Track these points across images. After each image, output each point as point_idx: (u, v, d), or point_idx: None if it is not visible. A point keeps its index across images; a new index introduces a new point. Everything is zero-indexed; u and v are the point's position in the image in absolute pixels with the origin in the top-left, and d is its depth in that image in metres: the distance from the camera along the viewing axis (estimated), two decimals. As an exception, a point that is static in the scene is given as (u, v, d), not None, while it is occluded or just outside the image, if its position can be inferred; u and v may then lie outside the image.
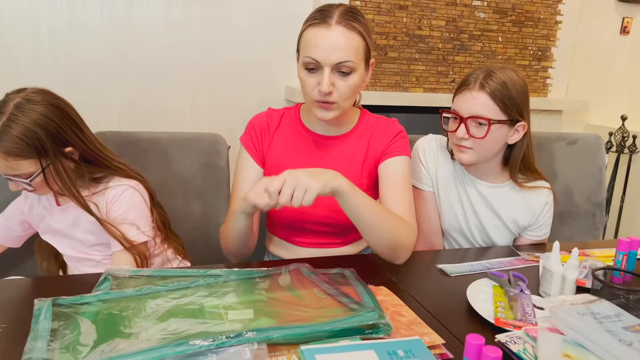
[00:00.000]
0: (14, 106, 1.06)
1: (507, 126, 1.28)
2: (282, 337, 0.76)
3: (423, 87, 2.66)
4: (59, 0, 2.14)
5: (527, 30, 2.76)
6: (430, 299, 1.00)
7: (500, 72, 1.26)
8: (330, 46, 1.09)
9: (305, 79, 1.14)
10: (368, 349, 0.74)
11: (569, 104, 2.93)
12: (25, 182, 1.10)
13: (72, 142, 1.12)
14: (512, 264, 1.22)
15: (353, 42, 1.10)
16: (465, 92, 1.27)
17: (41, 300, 0.87)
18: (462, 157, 1.32)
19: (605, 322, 0.79)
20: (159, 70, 2.31)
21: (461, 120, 1.27)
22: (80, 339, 0.77)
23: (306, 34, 1.13)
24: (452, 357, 0.80)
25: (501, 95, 1.24)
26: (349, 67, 1.11)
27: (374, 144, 1.26)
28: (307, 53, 1.11)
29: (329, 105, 1.14)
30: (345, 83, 1.12)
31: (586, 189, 1.95)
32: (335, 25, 1.09)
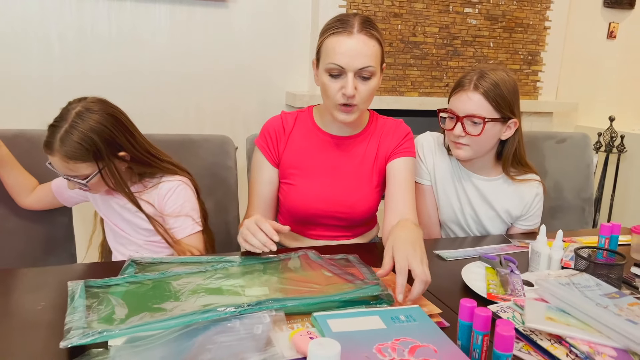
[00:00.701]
0: (75, 114, 1.18)
1: (500, 123, 1.37)
2: (296, 306, 0.85)
3: (418, 92, 2.76)
4: (68, 11, 2.24)
5: (517, 36, 2.87)
6: (428, 279, 1.09)
7: (492, 72, 1.35)
8: (353, 53, 1.18)
9: (328, 84, 1.22)
10: (373, 315, 0.83)
11: (558, 106, 3.04)
12: (82, 182, 1.22)
13: (124, 146, 1.23)
14: (504, 249, 1.32)
15: (373, 48, 1.20)
16: (461, 93, 1.36)
17: (73, 282, 0.95)
18: (459, 153, 1.41)
19: (585, 290, 0.88)
20: (163, 76, 2.41)
21: (458, 119, 1.36)
22: (114, 312, 0.85)
23: (328, 42, 1.21)
24: (448, 325, 0.89)
25: (494, 94, 1.33)
26: (370, 72, 1.20)
27: (384, 144, 1.35)
28: (331, 60, 1.19)
29: (351, 108, 1.23)
30: (366, 87, 1.22)
31: (575, 185, 2.04)
32: (357, 34, 1.18)
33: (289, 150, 1.35)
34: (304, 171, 1.34)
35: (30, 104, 2.25)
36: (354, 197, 1.34)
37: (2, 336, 0.81)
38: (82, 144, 1.16)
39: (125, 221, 1.34)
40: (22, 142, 1.50)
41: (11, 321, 0.85)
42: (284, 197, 1.35)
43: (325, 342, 0.65)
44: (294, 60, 2.59)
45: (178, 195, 1.31)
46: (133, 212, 1.31)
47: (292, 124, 1.36)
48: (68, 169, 1.19)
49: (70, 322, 0.81)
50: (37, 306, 0.91)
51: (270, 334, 0.77)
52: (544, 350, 0.80)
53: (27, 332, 0.83)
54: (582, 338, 0.79)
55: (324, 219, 1.35)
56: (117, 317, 0.84)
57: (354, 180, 1.34)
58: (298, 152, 1.34)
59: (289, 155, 1.35)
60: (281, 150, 1.35)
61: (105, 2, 2.28)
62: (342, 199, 1.33)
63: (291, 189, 1.34)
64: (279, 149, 1.35)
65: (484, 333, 0.74)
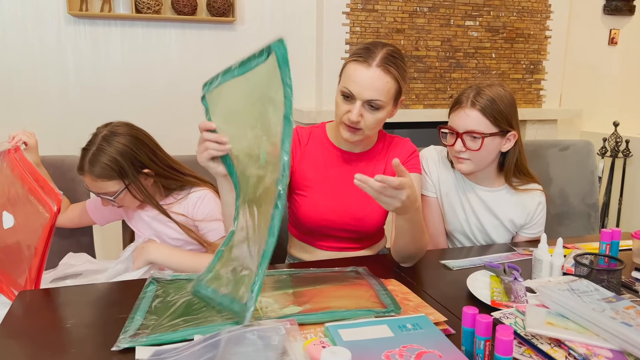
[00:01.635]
0: (101, 138, 1.33)
1: (499, 137, 1.42)
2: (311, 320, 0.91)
3: (423, 104, 2.82)
4: (83, 38, 2.33)
5: (518, 46, 2.92)
6: (435, 289, 1.14)
7: (488, 89, 1.41)
8: (366, 84, 1.24)
9: (340, 104, 1.30)
10: (382, 324, 0.88)
11: (562, 113, 3.08)
12: (111, 199, 1.35)
13: (147, 164, 1.36)
14: (508, 257, 1.36)
15: (387, 85, 1.25)
16: (459, 110, 1.42)
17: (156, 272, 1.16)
18: (461, 167, 1.47)
19: (583, 296, 0.93)
20: (176, 97, 2.49)
21: (457, 135, 1.42)
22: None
23: (348, 67, 1.29)
24: (454, 332, 0.94)
25: (491, 110, 1.39)
26: (378, 105, 1.27)
27: (390, 161, 1.39)
28: (346, 84, 1.27)
29: (355, 130, 1.30)
30: (373, 116, 1.28)
31: (580, 191, 2.08)
32: (375, 67, 1.24)
33: (303, 163, 1.41)
34: (316, 184, 1.40)
35: (47, 129, 2.34)
36: (363, 210, 1.39)
37: (35, 354, 0.87)
38: (108, 164, 1.31)
39: (155, 232, 1.44)
40: (46, 167, 1.58)
41: (42, 340, 0.91)
42: (297, 208, 1.41)
43: (337, 351, 0.71)
44: (300, 78, 2.66)
45: (208, 202, 1.42)
46: (164, 222, 1.42)
47: (307, 138, 1.44)
48: (98, 187, 1.34)
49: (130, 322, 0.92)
50: (67, 324, 0.97)
51: (286, 344, 0.82)
52: (544, 353, 0.84)
53: (59, 349, 0.89)
54: (579, 341, 0.83)
55: (334, 231, 1.41)
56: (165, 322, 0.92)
57: (363, 194, 1.38)
58: (312, 165, 1.41)
59: (303, 167, 1.41)
60: (296, 162, 1.41)
61: (118, 27, 2.38)
62: (351, 211, 1.39)
63: (304, 200, 1.40)
64: (294, 160, 1.41)
65: (485, 338, 0.79)
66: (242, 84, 1.06)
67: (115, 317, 0.96)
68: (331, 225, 1.40)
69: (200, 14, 2.51)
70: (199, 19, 2.49)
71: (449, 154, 1.51)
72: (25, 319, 0.99)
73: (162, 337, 0.87)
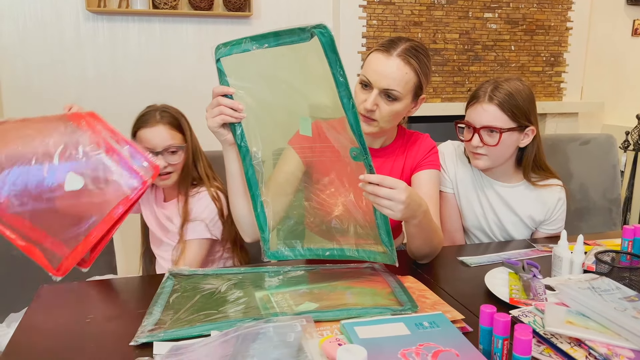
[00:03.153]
0: (160, 105, 1.47)
1: (517, 132, 1.40)
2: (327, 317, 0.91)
3: (441, 97, 2.79)
4: (101, 33, 2.35)
5: (538, 38, 2.87)
6: (452, 286, 1.13)
7: (506, 83, 1.38)
8: (383, 73, 1.24)
9: (357, 93, 1.30)
10: (398, 322, 0.87)
11: (584, 106, 3.03)
12: (177, 146, 1.40)
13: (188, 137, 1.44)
14: (527, 254, 1.34)
15: (405, 75, 1.24)
16: (476, 105, 1.40)
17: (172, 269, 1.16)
18: (478, 163, 1.44)
19: (604, 294, 0.91)
20: (194, 92, 2.50)
21: (475, 131, 1.40)
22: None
23: (371, 56, 1.30)
24: (471, 330, 0.93)
25: (509, 105, 1.36)
26: (395, 95, 1.25)
27: (410, 157, 1.41)
28: (365, 72, 1.28)
29: (370, 120, 1.29)
30: (388, 107, 1.26)
31: (601, 186, 2.04)
32: (395, 57, 1.24)
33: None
34: None
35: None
36: None
37: (56, 349, 0.88)
38: (177, 116, 1.43)
39: (167, 231, 1.45)
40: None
41: (63, 334, 0.93)
42: None
43: (352, 349, 0.71)
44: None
45: (201, 201, 1.43)
46: (175, 222, 1.43)
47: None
48: (166, 137, 1.39)
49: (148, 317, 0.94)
50: (86, 319, 0.98)
51: (302, 341, 0.82)
52: (564, 353, 0.83)
53: (79, 344, 0.90)
54: (600, 340, 0.82)
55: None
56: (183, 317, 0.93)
57: None
58: None
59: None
60: (317, 156, 1.39)
61: (135, 23, 2.39)
62: (369, 205, 1.37)
63: None
64: (314, 154, 1.38)
65: (503, 337, 0.78)
66: (278, 56, 1.08)
67: (134, 311, 0.98)
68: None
69: (216, 9, 2.51)
70: (215, 14, 2.49)
71: (466, 149, 1.50)
72: (46, 313, 1.01)
73: (180, 332, 0.87)
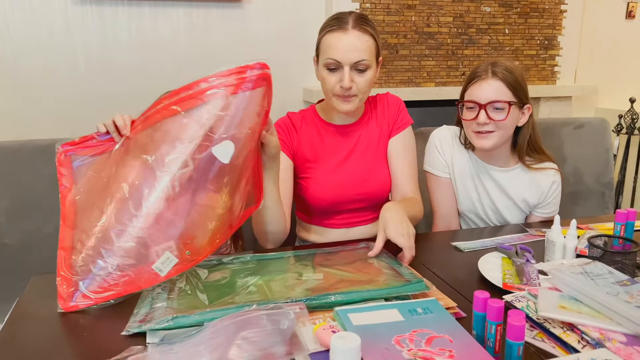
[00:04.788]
0: None
1: (518, 109, 1.40)
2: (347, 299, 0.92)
3: (434, 82, 2.77)
4: (90, 18, 2.31)
5: (532, 21, 2.85)
6: (445, 271, 1.13)
7: (502, 61, 1.40)
8: (348, 47, 1.27)
9: (327, 78, 1.31)
10: (392, 309, 0.87)
11: (577, 89, 3.02)
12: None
13: None
14: (521, 239, 1.34)
15: (367, 43, 1.29)
16: (480, 82, 1.39)
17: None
18: (484, 143, 1.41)
19: (596, 279, 0.91)
20: (184, 77, 2.45)
21: (480, 107, 1.38)
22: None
23: (325, 39, 1.30)
24: (464, 315, 0.93)
25: (511, 80, 1.37)
26: (365, 65, 1.29)
27: (382, 122, 1.45)
28: (328, 55, 1.29)
29: (349, 98, 1.32)
30: (363, 78, 1.30)
31: (595, 170, 2.05)
32: (352, 30, 1.28)
33: (301, 146, 1.42)
34: (318, 163, 1.41)
35: (57, 111, 2.34)
36: (368, 176, 1.42)
37: (47, 338, 0.88)
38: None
39: None
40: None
41: (55, 324, 0.92)
42: (304, 191, 1.40)
43: (346, 336, 0.70)
44: (309, 56, 2.60)
45: None
46: None
47: (300, 122, 1.45)
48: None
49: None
50: (79, 307, 0.97)
51: (296, 328, 0.82)
52: (556, 337, 0.84)
53: (71, 333, 0.89)
54: (593, 325, 0.82)
55: (344, 205, 1.42)
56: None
57: (365, 161, 1.44)
58: (309, 146, 1.42)
59: (302, 150, 1.42)
60: (295, 146, 1.42)
61: (125, 7, 2.35)
62: (357, 180, 1.41)
63: (309, 182, 1.41)
64: (292, 143, 1.42)
65: (497, 323, 0.78)
66: None
67: (128, 300, 0.97)
68: (341, 200, 1.41)
69: (207, -8, 2.47)
70: (206, -2, 2.46)
71: (467, 130, 1.46)
72: (37, 303, 1.00)
73: (174, 320, 0.87)
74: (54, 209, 1.54)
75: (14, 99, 2.28)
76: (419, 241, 1.39)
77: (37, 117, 2.31)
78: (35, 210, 1.54)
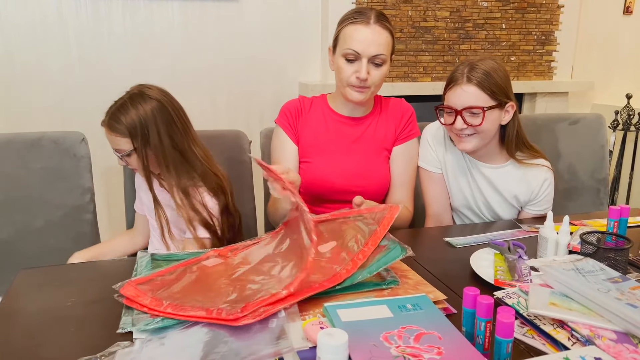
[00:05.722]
0: (128, 96, 1.31)
1: (498, 110, 1.39)
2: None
3: (431, 77, 2.76)
4: (84, 12, 2.29)
5: (530, 17, 2.84)
6: (437, 267, 1.12)
7: (481, 63, 1.37)
8: (369, 41, 1.33)
9: (344, 67, 1.36)
10: (381, 304, 0.87)
11: (574, 85, 3.01)
12: (118, 155, 1.33)
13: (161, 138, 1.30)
14: (514, 235, 1.34)
15: (386, 39, 1.36)
16: (455, 87, 1.38)
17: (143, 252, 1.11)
18: (465, 146, 1.43)
19: (588, 275, 0.91)
20: (179, 72, 2.45)
21: (457, 113, 1.38)
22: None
23: (347, 30, 1.35)
24: (455, 311, 0.92)
25: (488, 83, 1.35)
26: (382, 59, 1.36)
27: (390, 125, 1.49)
28: (349, 45, 1.34)
29: (363, 89, 1.37)
30: (378, 72, 1.37)
31: (590, 166, 2.04)
32: (373, 25, 1.34)
33: (307, 130, 1.47)
34: (319, 149, 1.46)
35: (51, 105, 2.32)
36: (367, 170, 1.46)
37: (34, 333, 0.87)
38: (124, 123, 1.27)
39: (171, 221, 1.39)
40: (47, 143, 1.57)
41: (42, 319, 0.91)
42: (303, 176, 1.42)
43: (333, 332, 0.70)
44: (305, 51, 2.61)
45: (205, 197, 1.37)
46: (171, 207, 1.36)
47: (308, 107, 1.50)
48: (111, 140, 1.32)
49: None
50: (67, 302, 0.97)
51: (285, 326, 0.81)
52: (546, 334, 0.83)
53: (58, 328, 0.89)
54: (583, 322, 0.81)
55: (341, 194, 1.44)
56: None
57: (366, 155, 1.47)
58: (315, 132, 1.47)
59: (307, 134, 1.47)
60: (300, 129, 1.47)
61: (120, 0, 2.33)
62: (355, 172, 1.45)
63: (308, 166, 1.46)
64: (297, 128, 1.47)
65: (486, 320, 0.77)
66: None
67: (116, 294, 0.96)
68: (337, 189, 1.44)
69: (202, -15, 2.45)
70: (201, -9, 2.43)
71: (449, 133, 1.48)
72: (25, 297, 0.99)
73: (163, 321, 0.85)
74: (43, 203, 1.54)
75: (6, 92, 2.26)
76: (411, 237, 1.40)
77: (29, 110, 2.29)
78: (24, 204, 1.53)
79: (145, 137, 1.29)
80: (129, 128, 1.28)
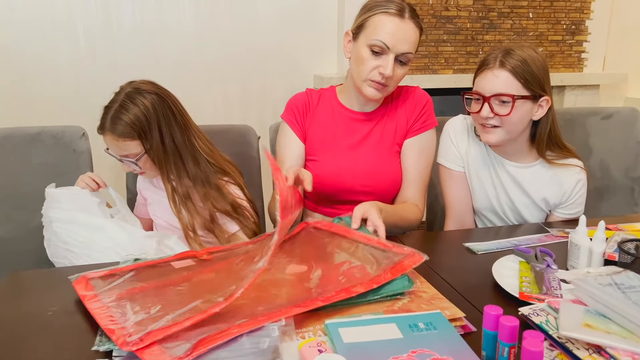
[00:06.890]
0: (125, 95, 1.24)
1: (530, 102, 1.27)
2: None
3: (452, 69, 2.63)
4: (93, 3, 2.23)
5: (559, 5, 2.69)
6: (455, 276, 1.02)
7: (518, 49, 1.26)
8: (401, 36, 1.22)
9: (367, 60, 1.24)
10: (390, 323, 0.77)
11: (606, 77, 2.85)
12: (132, 161, 1.27)
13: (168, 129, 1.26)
14: (541, 240, 1.22)
15: (417, 37, 1.26)
16: (486, 72, 1.27)
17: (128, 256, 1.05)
18: (489, 138, 1.31)
19: (629, 292, 0.79)
20: (190, 65, 2.38)
21: (484, 100, 1.27)
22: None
23: (378, 18, 1.22)
24: (474, 329, 0.82)
25: (522, 71, 1.24)
26: (408, 58, 1.25)
27: (403, 116, 1.37)
28: (379, 37, 1.21)
29: (383, 87, 1.26)
30: (401, 71, 1.27)
31: (623, 164, 1.92)
32: (408, 20, 1.23)
33: (314, 126, 1.37)
34: (327, 146, 1.36)
35: (60, 99, 2.27)
36: (377, 168, 1.35)
37: (7, 344, 0.80)
38: (130, 123, 1.21)
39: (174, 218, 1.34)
40: (46, 138, 1.52)
41: (18, 330, 0.84)
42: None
43: (331, 359, 0.60)
44: (320, 42, 2.51)
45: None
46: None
47: (317, 100, 1.40)
48: (119, 147, 1.25)
49: None
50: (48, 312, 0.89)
51: (279, 345, 0.72)
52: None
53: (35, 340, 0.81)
54: (624, 348, 0.70)
55: (349, 194, 1.35)
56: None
57: (377, 152, 1.37)
58: (322, 127, 1.37)
59: (315, 131, 1.37)
60: (307, 125, 1.37)
61: (129, -8, 2.26)
62: (365, 170, 1.35)
63: (316, 164, 1.36)
64: (304, 124, 1.37)
65: (510, 345, 0.67)
66: None
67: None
68: (347, 188, 1.35)
69: (215, -26, 2.37)
70: (213, -20, 2.35)
71: (475, 123, 1.36)
72: (7, 303, 0.93)
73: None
74: (43, 200, 1.47)
75: (14, 85, 2.22)
76: (427, 240, 1.30)
77: (37, 104, 2.25)
78: (23, 200, 1.48)
79: (154, 135, 1.24)
80: (136, 128, 1.22)
